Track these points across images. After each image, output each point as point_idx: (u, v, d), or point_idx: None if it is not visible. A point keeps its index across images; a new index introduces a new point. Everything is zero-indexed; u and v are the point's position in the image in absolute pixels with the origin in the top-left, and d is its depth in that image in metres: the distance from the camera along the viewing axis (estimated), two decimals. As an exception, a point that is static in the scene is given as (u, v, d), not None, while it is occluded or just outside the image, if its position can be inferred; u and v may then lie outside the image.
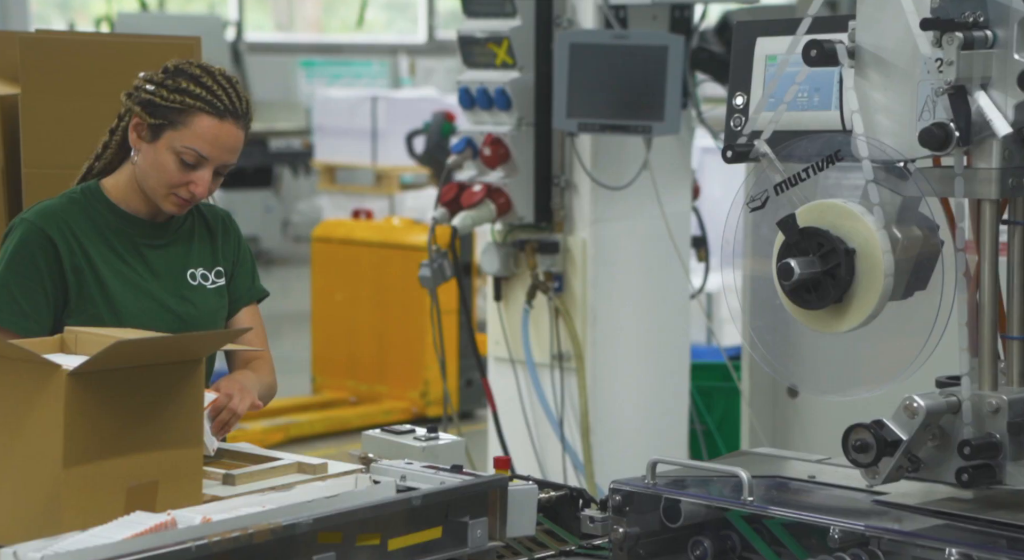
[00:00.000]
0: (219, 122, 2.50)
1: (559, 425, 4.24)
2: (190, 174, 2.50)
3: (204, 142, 2.49)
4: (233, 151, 2.54)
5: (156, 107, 2.51)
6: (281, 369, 8.58)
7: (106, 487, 1.92)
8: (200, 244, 2.62)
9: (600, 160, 4.21)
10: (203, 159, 2.50)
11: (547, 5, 4.15)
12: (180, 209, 2.53)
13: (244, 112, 2.55)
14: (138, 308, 2.50)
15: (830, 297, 2.15)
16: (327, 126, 10.11)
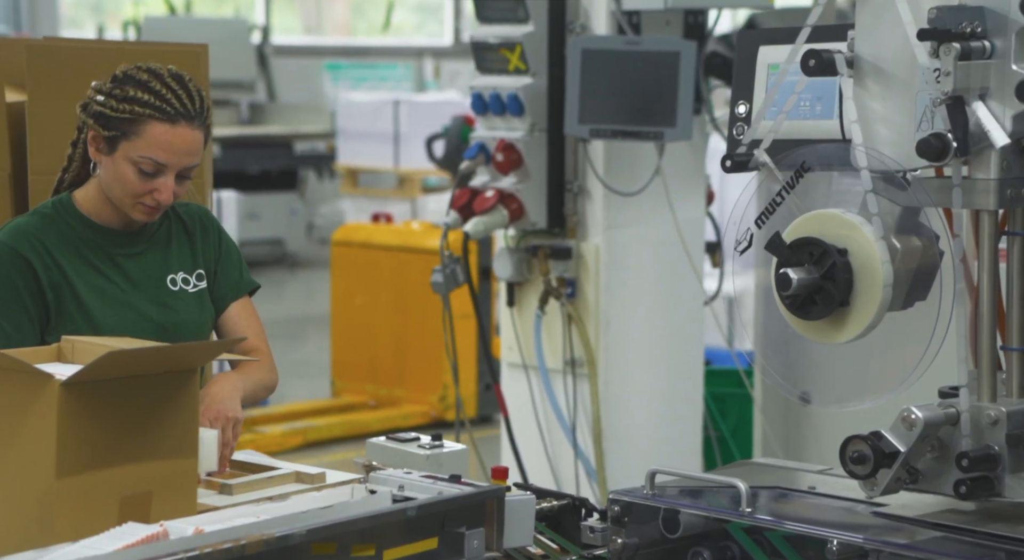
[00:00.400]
0: (171, 127, 2.47)
1: (572, 431, 4.24)
2: (152, 182, 2.47)
3: (159, 150, 2.47)
4: (191, 153, 2.50)
5: (108, 119, 2.49)
6: (302, 372, 8.60)
7: (99, 498, 1.92)
8: (179, 247, 2.60)
9: (613, 166, 4.20)
10: (161, 166, 2.47)
11: (560, 11, 4.14)
12: (150, 216, 2.52)
13: (198, 111, 2.51)
14: (116, 321, 2.48)
15: (834, 302, 2.13)
16: (350, 129, 10.14)
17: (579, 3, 4.16)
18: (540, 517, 2.50)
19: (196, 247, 2.61)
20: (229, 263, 2.66)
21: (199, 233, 2.63)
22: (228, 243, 2.68)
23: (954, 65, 2.00)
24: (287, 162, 12.06)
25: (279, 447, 6.35)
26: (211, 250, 2.63)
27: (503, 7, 4.15)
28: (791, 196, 2.25)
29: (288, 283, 11.33)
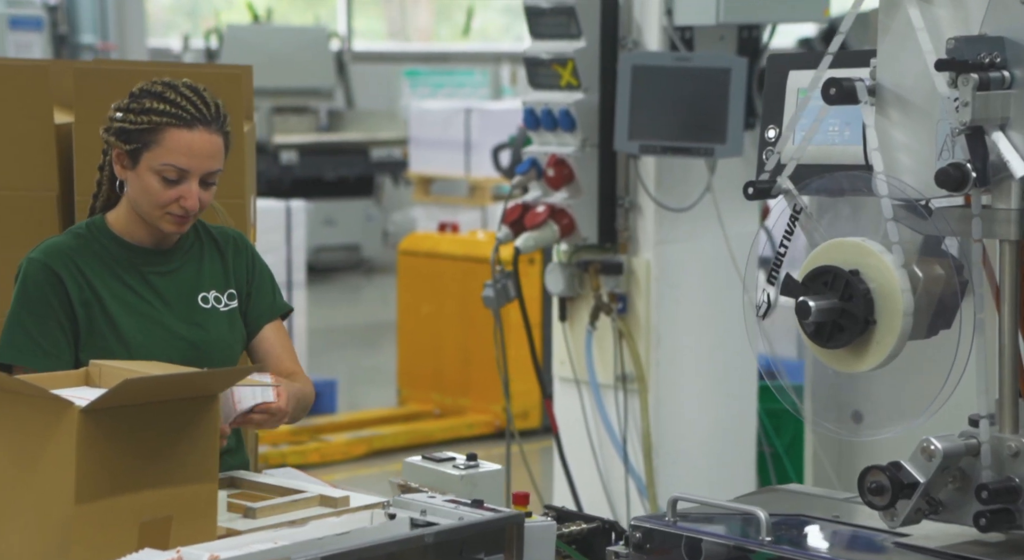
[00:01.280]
0: (189, 132, 2.51)
1: (623, 447, 4.24)
2: (177, 189, 2.51)
3: (179, 155, 2.51)
4: (212, 157, 2.54)
5: (128, 133, 2.54)
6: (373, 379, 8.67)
7: (118, 523, 1.96)
8: (211, 265, 2.63)
9: (664, 181, 4.20)
10: (184, 172, 2.52)
11: (612, 27, 4.15)
12: (180, 226, 2.55)
13: (214, 116, 2.55)
14: (147, 338, 2.52)
15: (858, 322, 2.12)
16: (422, 137, 10.20)
17: (631, 19, 4.16)
18: (570, 540, 2.50)
19: (228, 266, 2.65)
20: (262, 286, 2.69)
21: (231, 253, 2.66)
22: (262, 266, 2.72)
23: (972, 95, 1.99)
24: (364, 169, 12.16)
25: (344, 456, 6.42)
26: (243, 271, 2.66)
27: (556, 23, 4.16)
28: (813, 224, 2.25)
29: (364, 289, 11.43)
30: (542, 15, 4.17)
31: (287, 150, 11.75)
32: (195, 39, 12.47)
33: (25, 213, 2.85)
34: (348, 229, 11.88)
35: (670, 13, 4.11)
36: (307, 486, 2.38)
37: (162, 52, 13.07)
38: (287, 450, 6.34)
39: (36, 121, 2.91)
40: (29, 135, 2.90)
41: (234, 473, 2.43)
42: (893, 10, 2.11)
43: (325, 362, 8.11)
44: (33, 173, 2.92)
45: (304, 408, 2.69)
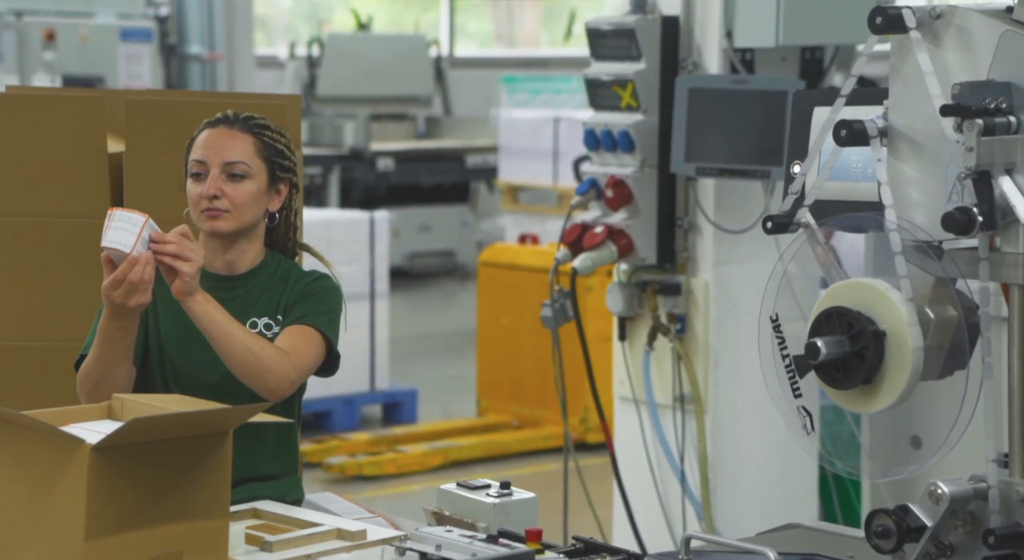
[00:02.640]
0: (211, 129, 2.68)
1: (680, 469, 4.23)
2: (203, 185, 2.65)
3: (198, 149, 2.67)
4: (228, 148, 2.65)
5: (185, 159, 2.72)
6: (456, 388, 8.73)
7: (129, 559, 2.02)
8: (271, 296, 2.69)
9: (723, 202, 4.19)
10: (202, 163, 2.65)
11: (672, 49, 4.15)
12: (213, 221, 2.64)
13: (242, 118, 2.69)
14: (183, 348, 2.60)
15: (858, 378, 2.13)
16: (511, 146, 10.24)
17: (691, 41, 4.16)
18: (596, 572, 2.52)
19: (284, 294, 2.70)
20: (305, 303, 2.69)
21: (292, 283, 2.71)
22: (317, 288, 2.72)
23: (977, 140, 1.97)
24: (459, 175, 12.26)
25: (420, 467, 6.48)
26: (295, 292, 2.70)
27: (616, 45, 4.18)
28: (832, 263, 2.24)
29: (459, 294, 11.51)
30: (603, 37, 4.19)
31: (384, 157, 11.88)
32: (300, 47, 12.65)
33: (78, 239, 2.94)
34: (443, 235, 11.97)
35: (730, 35, 4.10)
36: (332, 518, 2.42)
37: (269, 60, 13.29)
38: (364, 461, 6.43)
39: (90, 150, 3.01)
40: (83, 163, 2.99)
41: (259, 504, 2.49)
42: (904, 54, 2.10)
43: (409, 371, 8.19)
44: (86, 200, 3.01)
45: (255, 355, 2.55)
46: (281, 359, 2.56)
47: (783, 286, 2.34)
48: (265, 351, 2.54)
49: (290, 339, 2.62)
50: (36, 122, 2.86)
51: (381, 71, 12.48)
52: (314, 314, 2.67)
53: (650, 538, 4.27)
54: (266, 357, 2.53)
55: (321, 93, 12.19)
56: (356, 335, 7.10)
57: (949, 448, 2.08)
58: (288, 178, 2.74)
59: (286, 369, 2.56)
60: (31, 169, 2.94)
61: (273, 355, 2.55)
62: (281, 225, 2.76)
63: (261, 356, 2.53)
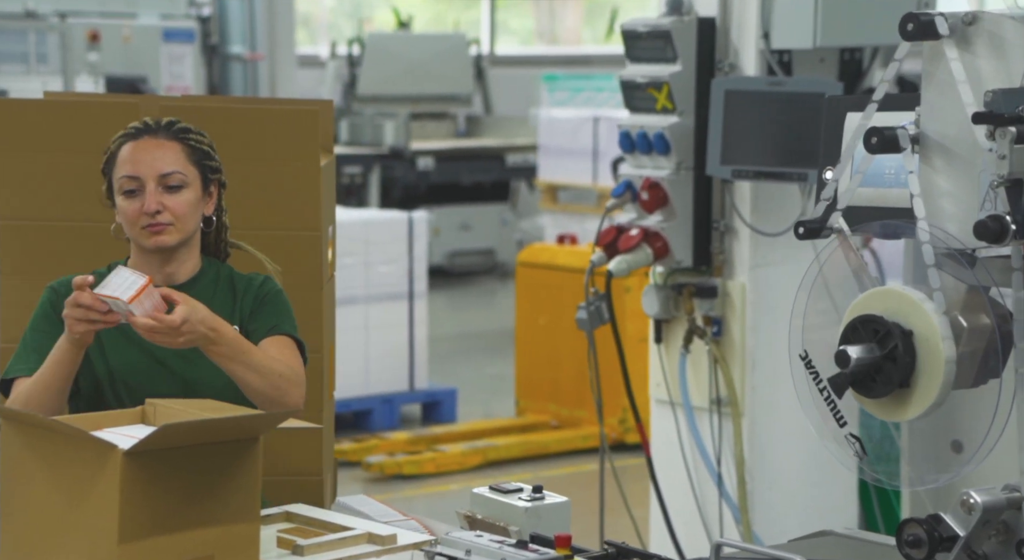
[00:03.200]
0: (135, 142, 2.59)
1: (717, 471, 4.23)
2: (139, 200, 2.56)
3: (125, 165, 2.58)
4: (159, 159, 2.57)
5: (103, 172, 2.63)
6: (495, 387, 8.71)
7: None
8: (220, 305, 2.60)
9: (760, 205, 4.17)
10: (135, 179, 2.56)
11: (708, 51, 4.13)
12: (157, 236, 2.56)
13: (164, 125, 2.60)
14: (134, 367, 2.54)
15: (893, 382, 2.11)
16: (550, 145, 10.24)
17: (728, 43, 4.15)
18: (626, 577, 2.51)
19: (236, 303, 2.64)
20: (266, 311, 2.63)
21: (242, 291, 2.66)
22: (270, 293, 2.67)
23: (1010, 148, 1.96)
24: (499, 174, 12.27)
25: (459, 466, 6.50)
26: (248, 305, 2.64)
27: (652, 47, 4.17)
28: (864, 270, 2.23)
29: (499, 293, 11.52)
30: (639, 39, 4.18)
31: (424, 156, 11.91)
32: (341, 46, 12.70)
33: (110, 244, 2.96)
34: (483, 234, 11.99)
35: (767, 37, 4.08)
36: (364, 521, 2.43)
37: (311, 59, 13.35)
38: (403, 460, 6.45)
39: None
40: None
41: (292, 507, 2.50)
42: (937, 60, 2.09)
43: (449, 369, 8.21)
44: (122, 206, 3.03)
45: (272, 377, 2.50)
46: (292, 379, 2.54)
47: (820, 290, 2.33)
48: (283, 376, 2.51)
49: (280, 353, 2.58)
50: (74, 128, 2.88)
51: (421, 70, 12.51)
52: (282, 322, 2.64)
53: (687, 541, 4.26)
54: (283, 382, 2.51)
55: (362, 92, 12.23)
56: (395, 335, 7.13)
57: (983, 457, 2.07)
58: (217, 178, 2.69)
59: (301, 390, 2.55)
60: (68, 174, 2.97)
61: (288, 377, 2.52)
62: (215, 227, 2.71)
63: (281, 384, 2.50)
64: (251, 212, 2.95)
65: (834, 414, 2.16)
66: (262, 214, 2.96)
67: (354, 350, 6.89)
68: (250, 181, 2.95)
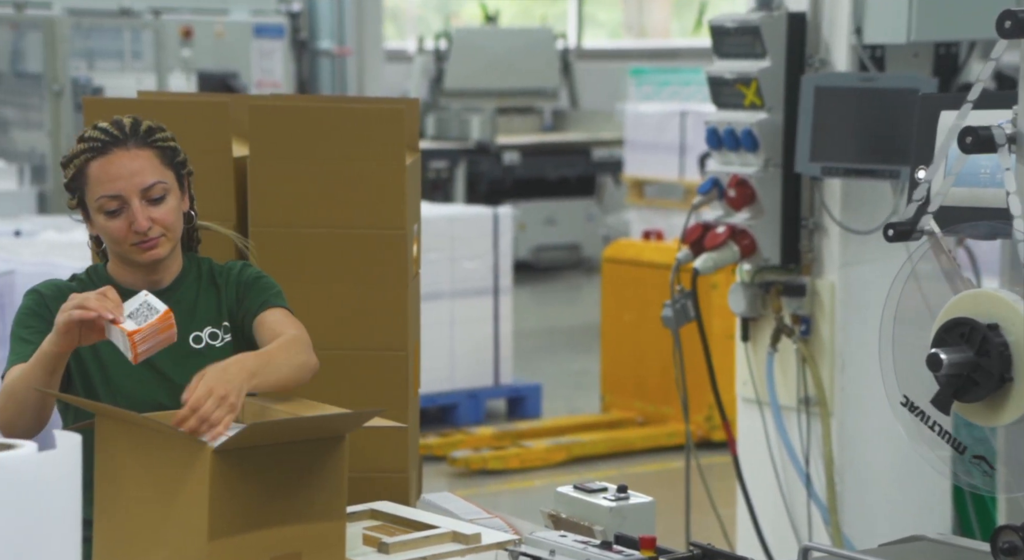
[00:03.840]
0: (105, 158, 2.47)
1: (805, 472, 4.18)
2: (124, 218, 2.47)
3: (104, 184, 2.46)
4: (136, 173, 2.47)
5: (68, 188, 2.52)
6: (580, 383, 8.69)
7: (250, 559, 2.06)
8: (205, 302, 2.57)
9: (850, 202, 4.11)
10: (117, 198, 2.46)
11: (799, 46, 4.08)
12: (151, 251, 2.49)
13: (130, 133, 2.48)
14: (132, 379, 2.46)
15: (992, 379, 2.07)
16: (637, 140, 10.20)
17: (819, 38, 4.09)
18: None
19: (221, 297, 2.58)
20: (251, 295, 2.57)
21: (224, 283, 2.60)
22: (252, 276, 2.62)
23: (1110, 147, 1.91)
24: (585, 169, 12.25)
25: (543, 462, 6.49)
26: (233, 292, 2.58)
27: (741, 42, 4.13)
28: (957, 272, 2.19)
29: (584, 288, 11.50)
30: (727, 34, 4.14)
31: (509, 151, 11.92)
32: (429, 41, 12.75)
33: (204, 242, 2.99)
34: (569, 228, 11.98)
35: (859, 31, 4.03)
36: (449, 520, 2.43)
37: (398, 54, 13.42)
38: (488, 455, 6.46)
39: (216, 154, 3.05)
40: (209, 168, 3.04)
41: (377, 504, 2.51)
42: (1034, 56, 2.04)
43: (534, 365, 8.21)
44: (213, 203, 3.05)
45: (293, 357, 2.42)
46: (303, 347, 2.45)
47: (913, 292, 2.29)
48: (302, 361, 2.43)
49: (278, 324, 2.51)
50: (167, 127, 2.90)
51: (508, 64, 12.52)
52: (269, 298, 2.57)
53: (774, 542, 4.22)
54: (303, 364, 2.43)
55: (448, 87, 12.26)
56: (480, 330, 7.15)
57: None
58: (187, 172, 2.61)
59: (315, 358, 2.47)
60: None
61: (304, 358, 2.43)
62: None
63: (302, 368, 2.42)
64: (336, 210, 2.96)
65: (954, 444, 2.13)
66: (347, 212, 2.97)
67: (439, 345, 6.92)
68: (335, 179, 2.97)
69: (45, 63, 8.93)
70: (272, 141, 3.01)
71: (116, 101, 3.22)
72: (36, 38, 9.03)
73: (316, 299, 2.96)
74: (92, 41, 9.58)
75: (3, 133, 9.26)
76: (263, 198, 3.02)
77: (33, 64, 9.10)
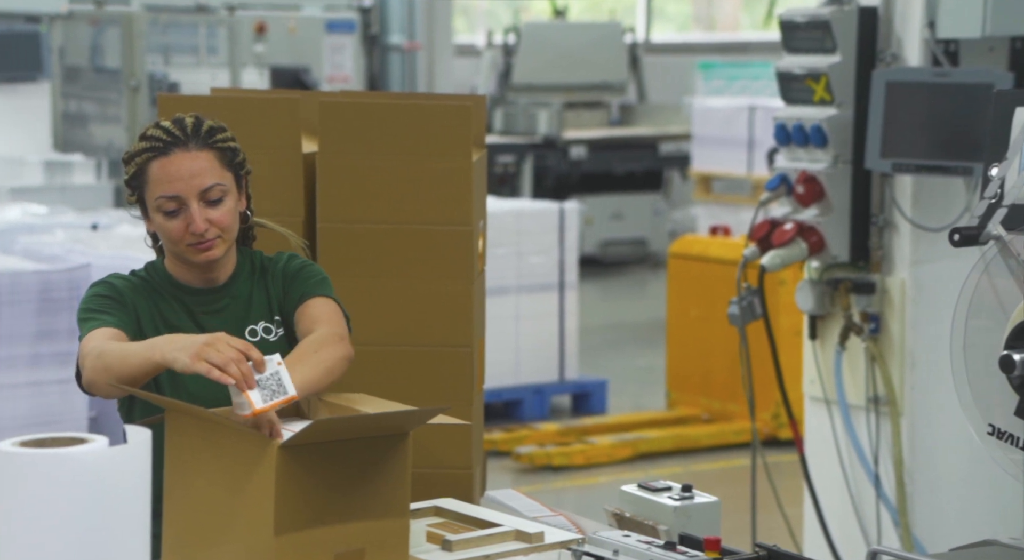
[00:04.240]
0: (167, 159, 2.48)
1: (874, 472, 4.13)
2: (182, 219, 2.49)
3: (164, 184, 2.48)
4: (196, 175, 2.48)
5: (129, 184, 2.54)
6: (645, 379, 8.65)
7: (314, 554, 2.06)
8: (258, 296, 2.58)
9: (922, 198, 4.06)
10: (176, 199, 2.48)
11: (870, 41, 4.03)
12: (207, 252, 2.51)
13: (191, 134, 2.50)
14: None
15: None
16: (704, 135, 10.14)
17: (891, 32, 4.04)
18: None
19: (271, 291, 2.60)
20: (296, 285, 2.59)
21: (271, 276, 2.61)
22: (296, 267, 2.63)
23: None
24: (652, 163, 12.20)
25: (608, 458, 6.47)
26: (280, 284, 2.60)
27: (810, 37, 4.09)
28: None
29: (651, 283, 11.46)
30: (796, 29, 4.10)
31: (576, 145, 11.90)
32: (498, 35, 12.76)
33: (275, 238, 3.01)
34: (635, 223, 11.94)
35: (932, 25, 3.97)
36: (512, 518, 2.43)
37: (467, 48, 13.44)
38: (553, 451, 6.45)
39: (286, 150, 3.07)
40: (279, 163, 3.06)
41: (441, 501, 2.51)
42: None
43: (599, 361, 8.19)
44: (282, 199, 3.07)
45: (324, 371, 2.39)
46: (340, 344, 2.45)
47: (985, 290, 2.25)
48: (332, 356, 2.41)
49: (320, 314, 2.52)
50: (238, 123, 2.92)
51: (576, 59, 12.50)
52: (313, 288, 2.59)
53: (842, 543, 4.18)
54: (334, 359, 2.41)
55: (516, 81, 12.26)
56: (546, 325, 7.14)
57: None
58: (246, 171, 2.60)
59: (347, 349, 2.46)
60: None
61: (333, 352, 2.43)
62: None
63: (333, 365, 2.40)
64: (402, 207, 2.97)
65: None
66: (413, 209, 2.97)
67: (505, 340, 6.92)
68: (402, 176, 2.97)
69: (123, 58, 9.04)
70: (341, 137, 3.02)
71: (190, 98, 3.24)
72: (115, 34, 9.15)
73: (382, 295, 2.97)
74: (168, 36, 9.68)
75: (82, 127, 9.38)
76: (331, 194, 3.04)
77: (111, 59, 9.21)
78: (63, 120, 9.39)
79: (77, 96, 9.42)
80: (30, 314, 4.77)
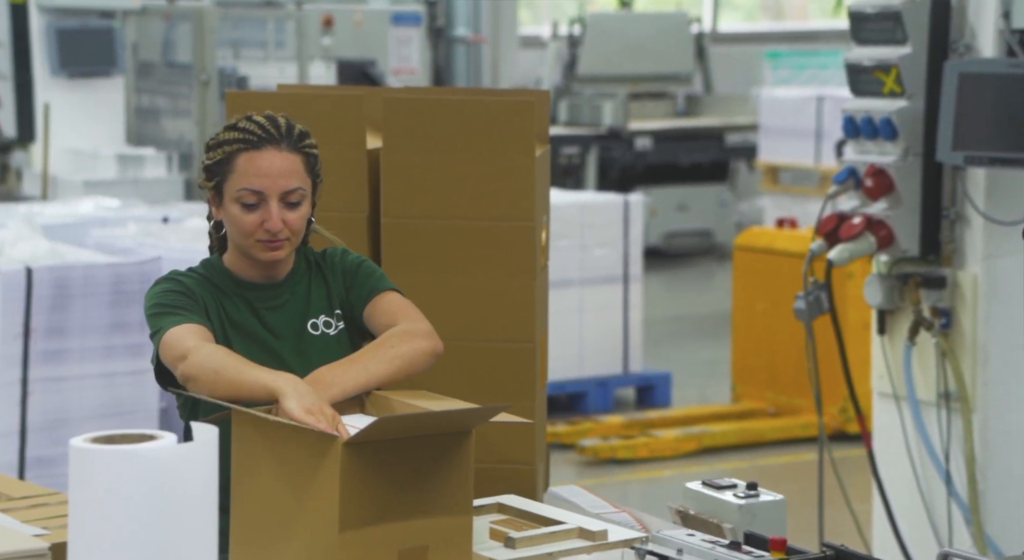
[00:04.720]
0: (257, 153, 2.50)
1: (945, 469, 4.07)
2: (258, 214, 2.50)
3: (250, 176, 2.49)
4: (283, 175, 2.51)
5: (209, 170, 2.55)
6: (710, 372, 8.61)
7: (379, 551, 2.07)
8: (317, 291, 2.60)
9: (995, 192, 3.99)
10: (258, 193, 2.50)
11: (943, 31, 3.97)
12: (272, 252, 2.53)
13: (284, 135, 2.53)
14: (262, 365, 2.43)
15: None
16: (772, 125, 10.05)
17: (964, 23, 3.97)
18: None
19: (330, 286, 2.61)
20: (359, 281, 2.61)
21: (329, 272, 2.63)
22: (354, 263, 2.65)
23: None
24: (718, 154, 12.12)
25: (673, 452, 6.44)
26: (340, 282, 2.62)
27: (881, 28, 4.03)
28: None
29: (716, 275, 11.40)
30: (866, 20, 4.04)
31: (642, 136, 11.85)
32: (563, 26, 12.73)
33: (338, 233, 3.01)
34: (701, 215, 11.87)
35: (1007, 16, 3.90)
36: (575, 515, 2.41)
37: (532, 40, 13.42)
38: (617, 444, 6.43)
39: (351, 146, 3.08)
40: (344, 159, 3.06)
41: (504, 498, 2.50)
42: None
43: (664, 354, 8.15)
44: (346, 195, 3.08)
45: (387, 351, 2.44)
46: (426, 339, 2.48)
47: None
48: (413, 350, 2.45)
49: (397, 308, 2.55)
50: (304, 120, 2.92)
51: (641, 49, 12.44)
52: (378, 283, 2.61)
53: (912, 541, 4.12)
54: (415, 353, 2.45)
55: (582, 73, 12.23)
56: (610, 318, 7.11)
57: None
58: (319, 180, 2.62)
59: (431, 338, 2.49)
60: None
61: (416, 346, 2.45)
62: None
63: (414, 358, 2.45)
64: (466, 202, 2.96)
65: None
66: (477, 204, 2.97)
67: (569, 333, 6.90)
68: (465, 171, 2.96)
69: (194, 53, 9.12)
70: (405, 133, 3.02)
71: (257, 94, 3.27)
72: (186, 29, 9.23)
73: (445, 290, 2.97)
74: (238, 31, 9.76)
75: (154, 121, 9.48)
76: (395, 189, 3.04)
77: (183, 54, 9.29)
78: (135, 114, 9.49)
79: (149, 90, 9.52)
80: (103, 306, 4.83)
